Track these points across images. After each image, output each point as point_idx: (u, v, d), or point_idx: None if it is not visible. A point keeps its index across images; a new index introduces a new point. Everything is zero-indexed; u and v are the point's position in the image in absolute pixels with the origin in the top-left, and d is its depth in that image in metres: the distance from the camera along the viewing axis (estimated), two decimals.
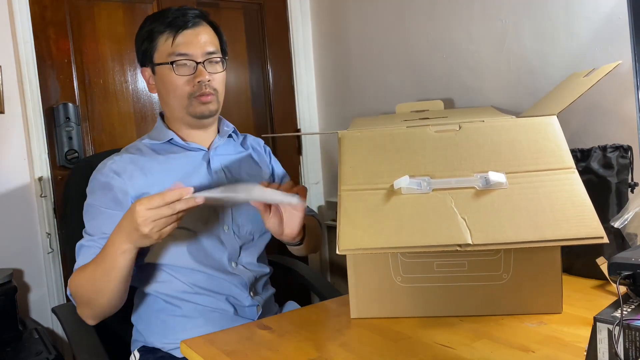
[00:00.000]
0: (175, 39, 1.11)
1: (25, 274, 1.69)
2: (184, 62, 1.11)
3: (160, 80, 1.15)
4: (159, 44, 1.13)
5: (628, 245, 0.99)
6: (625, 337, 0.58)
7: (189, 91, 1.12)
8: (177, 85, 1.12)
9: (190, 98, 1.13)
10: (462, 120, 0.97)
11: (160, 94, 1.18)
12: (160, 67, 1.13)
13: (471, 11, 1.51)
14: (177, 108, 1.15)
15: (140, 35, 1.16)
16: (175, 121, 1.19)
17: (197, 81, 1.11)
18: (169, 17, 1.12)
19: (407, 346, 0.82)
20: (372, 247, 0.79)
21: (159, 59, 1.13)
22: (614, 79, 1.15)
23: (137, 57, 1.20)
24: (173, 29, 1.11)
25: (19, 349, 1.44)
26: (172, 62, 1.11)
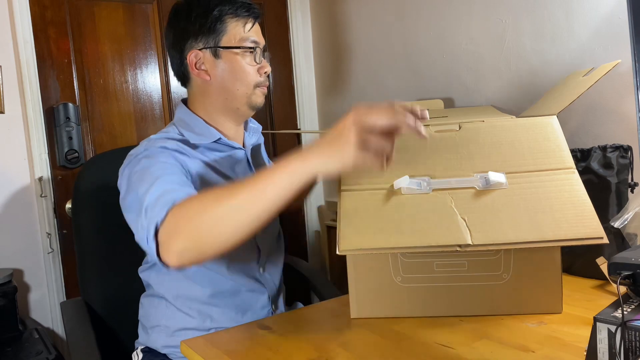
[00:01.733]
0: (253, 27, 1.08)
1: (25, 274, 1.69)
2: (255, 50, 1.08)
3: (228, 65, 1.07)
4: (230, 27, 1.06)
5: (628, 245, 0.99)
6: (625, 337, 0.58)
7: (257, 80, 1.09)
8: (248, 73, 1.08)
9: (255, 87, 1.10)
10: (462, 120, 0.97)
11: (218, 80, 1.08)
12: (229, 52, 1.07)
13: (471, 11, 1.51)
14: (240, 96, 1.09)
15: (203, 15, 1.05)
16: (226, 112, 1.11)
17: (264, 71, 1.10)
18: (239, 3, 1.07)
19: (407, 346, 0.82)
20: (372, 248, 0.79)
21: (228, 42, 1.06)
22: (614, 78, 1.15)
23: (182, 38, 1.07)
24: (252, 15, 1.08)
25: (19, 349, 1.44)
26: (254, 49, 1.08)
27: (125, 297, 1.27)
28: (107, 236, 1.33)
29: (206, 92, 1.10)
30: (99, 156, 1.39)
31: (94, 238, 1.32)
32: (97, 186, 1.32)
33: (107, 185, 1.19)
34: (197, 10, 1.06)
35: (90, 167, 1.37)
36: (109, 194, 1.20)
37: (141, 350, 1.13)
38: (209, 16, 1.05)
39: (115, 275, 1.32)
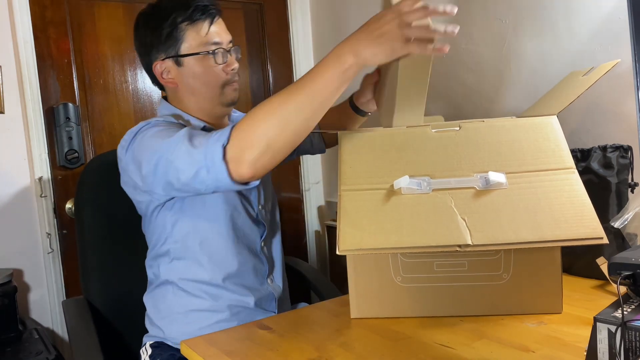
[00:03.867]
0: (211, 29, 1.08)
1: (25, 274, 1.69)
2: (217, 51, 1.09)
3: (189, 72, 1.09)
4: (189, 34, 1.08)
5: (628, 245, 0.99)
6: (625, 337, 0.58)
7: (223, 80, 1.11)
8: (212, 75, 1.10)
9: (223, 86, 1.12)
10: (462, 120, 0.97)
11: (185, 86, 1.11)
12: (190, 59, 1.08)
13: (471, 11, 1.51)
14: (209, 98, 1.12)
15: (158, 28, 1.08)
16: (199, 113, 1.14)
17: (231, 69, 1.12)
18: (198, 5, 1.08)
19: (407, 346, 0.82)
20: (372, 248, 0.80)
21: (189, 49, 1.08)
22: (614, 78, 1.15)
23: (146, 51, 1.11)
24: (208, 18, 1.08)
25: (19, 349, 1.44)
26: (213, 52, 1.08)
27: (127, 295, 1.28)
28: (109, 234, 1.33)
29: (178, 97, 1.14)
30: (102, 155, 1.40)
31: (96, 237, 1.32)
32: (100, 185, 1.33)
33: (110, 184, 1.20)
34: (154, 23, 1.09)
35: (93, 166, 1.38)
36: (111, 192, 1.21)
37: (150, 345, 1.14)
38: (164, 27, 1.08)
39: (118, 273, 1.33)
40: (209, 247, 1.10)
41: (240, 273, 1.13)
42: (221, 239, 1.11)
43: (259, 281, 1.16)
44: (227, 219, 1.11)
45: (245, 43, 2.13)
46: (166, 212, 1.09)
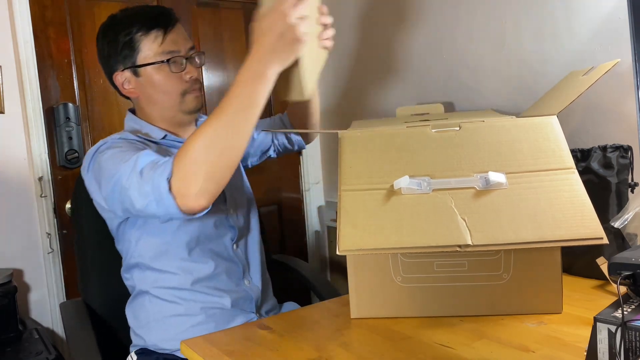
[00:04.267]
0: (165, 38, 1.09)
1: (25, 274, 1.69)
2: (175, 60, 1.09)
3: (147, 81, 1.11)
4: (144, 45, 1.09)
5: (628, 245, 0.99)
6: (625, 337, 0.59)
7: (182, 88, 1.11)
8: (169, 84, 1.10)
9: (183, 95, 1.12)
10: (462, 121, 0.97)
11: (145, 96, 1.13)
12: (147, 69, 1.09)
13: (471, 12, 1.51)
14: (169, 107, 1.13)
15: (115, 40, 1.10)
16: (162, 121, 1.16)
17: (189, 77, 1.11)
18: (151, 15, 1.09)
19: (407, 346, 0.82)
20: (372, 248, 0.80)
21: (145, 59, 1.09)
22: (614, 78, 1.15)
23: (106, 63, 1.13)
24: (162, 27, 1.09)
25: (19, 349, 1.44)
26: (168, 60, 1.09)
27: (125, 298, 1.27)
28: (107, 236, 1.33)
29: (140, 107, 1.17)
30: None
31: (94, 238, 1.32)
32: None
33: None
34: (111, 34, 1.11)
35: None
36: None
37: (135, 353, 1.15)
38: (120, 38, 1.09)
39: (116, 275, 1.32)
40: (174, 258, 1.12)
41: (211, 277, 1.13)
42: (186, 249, 1.12)
43: (234, 282, 1.16)
44: (191, 229, 1.12)
45: (245, 43, 2.13)
46: (130, 228, 1.12)
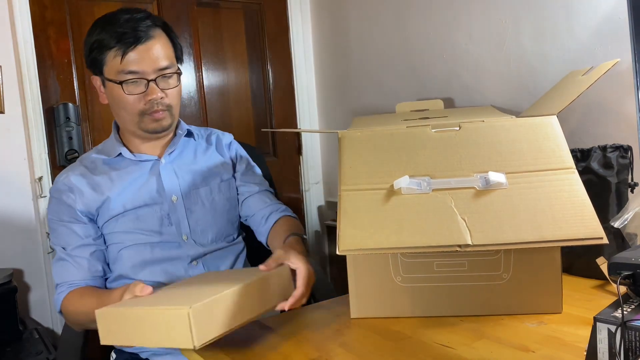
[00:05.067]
0: (125, 57, 1.04)
1: (25, 274, 1.69)
2: (135, 80, 1.06)
3: (110, 94, 1.11)
4: (108, 59, 1.06)
5: (628, 245, 0.99)
6: (625, 337, 0.58)
7: (140, 109, 1.09)
8: (126, 103, 1.08)
9: (141, 115, 1.10)
10: (462, 120, 0.97)
11: (111, 106, 1.14)
12: (110, 82, 1.08)
13: (471, 11, 1.51)
14: (129, 123, 1.12)
15: (89, 43, 1.09)
16: (128, 133, 1.17)
17: (149, 99, 1.08)
18: (118, 29, 1.04)
19: (407, 346, 0.82)
20: (372, 248, 0.79)
21: (108, 74, 1.08)
22: (614, 78, 1.15)
23: (85, 63, 1.13)
24: (122, 46, 1.04)
25: (19, 349, 1.44)
26: (122, 82, 1.06)
27: None
28: None
29: (113, 113, 1.17)
30: None
31: None
32: None
33: None
34: (87, 39, 1.10)
35: None
36: None
37: (114, 352, 1.19)
38: (92, 47, 1.08)
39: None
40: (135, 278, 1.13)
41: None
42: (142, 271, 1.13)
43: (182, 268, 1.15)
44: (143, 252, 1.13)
45: (245, 43, 2.13)
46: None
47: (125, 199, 1.12)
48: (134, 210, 1.13)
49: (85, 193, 1.12)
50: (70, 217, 1.12)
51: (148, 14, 1.09)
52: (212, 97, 2.04)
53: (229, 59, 2.09)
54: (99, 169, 1.16)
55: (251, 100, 2.16)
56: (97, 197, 1.12)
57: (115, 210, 1.12)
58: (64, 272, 1.10)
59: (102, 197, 1.12)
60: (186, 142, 1.23)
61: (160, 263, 1.13)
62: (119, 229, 1.13)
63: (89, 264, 1.11)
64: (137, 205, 1.13)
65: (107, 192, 1.12)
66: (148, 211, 1.13)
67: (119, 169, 1.15)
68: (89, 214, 1.13)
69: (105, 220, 1.13)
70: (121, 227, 1.12)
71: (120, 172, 1.15)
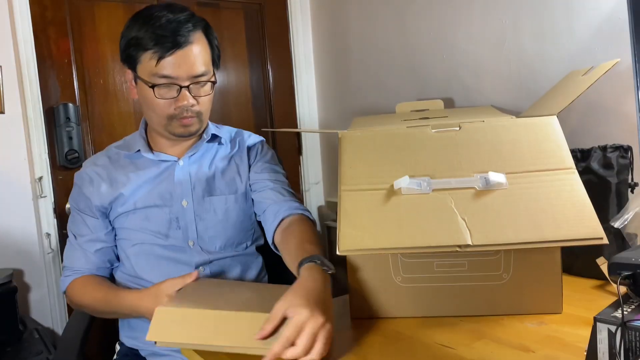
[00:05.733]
0: (160, 61, 1.02)
1: (25, 274, 1.69)
2: (167, 85, 1.04)
3: (140, 92, 1.09)
4: (143, 59, 1.04)
5: (628, 245, 0.99)
6: (625, 337, 0.58)
7: (170, 113, 1.07)
8: (156, 105, 1.06)
9: (170, 119, 1.08)
10: (462, 121, 0.97)
11: (141, 103, 1.12)
12: (142, 82, 1.06)
13: (471, 11, 1.51)
14: (156, 124, 1.11)
15: (126, 37, 1.06)
16: (154, 132, 1.17)
17: (179, 105, 1.06)
18: (158, 31, 1.01)
19: (407, 346, 0.82)
20: (372, 248, 0.79)
21: (141, 73, 1.05)
22: (614, 78, 1.15)
23: (120, 55, 1.10)
24: (160, 50, 1.01)
25: (19, 349, 1.44)
26: (154, 86, 1.04)
27: None
28: None
29: (141, 108, 1.15)
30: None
31: None
32: None
33: None
34: (125, 33, 1.07)
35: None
36: None
37: (118, 344, 1.20)
38: (129, 43, 1.05)
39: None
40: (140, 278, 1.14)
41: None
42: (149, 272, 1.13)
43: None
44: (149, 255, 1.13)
45: (245, 43, 2.13)
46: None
47: (137, 197, 1.13)
48: (143, 209, 1.12)
49: (102, 186, 1.14)
50: (86, 208, 1.15)
51: (190, 15, 1.06)
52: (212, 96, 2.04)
53: (229, 59, 2.09)
54: (120, 162, 1.17)
55: (251, 100, 2.16)
56: (112, 191, 1.13)
57: (126, 207, 1.13)
58: (73, 257, 1.14)
59: (116, 192, 1.13)
60: (209, 147, 1.20)
61: (165, 265, 1.12)
62: (129, 225, 1.13)
63: (95, 258, 1.14)
64: (148, 204, 1.12)
65: (122, 188, 1.13)
66: (157, 212, 1.12)
67: (136, 166, 1.16)
68: (103, 208, 1.14)
69: (116, 215, 1.14)
70: (131, 224, 1.13)
71: (137, 169, 1.15)
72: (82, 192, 1.15)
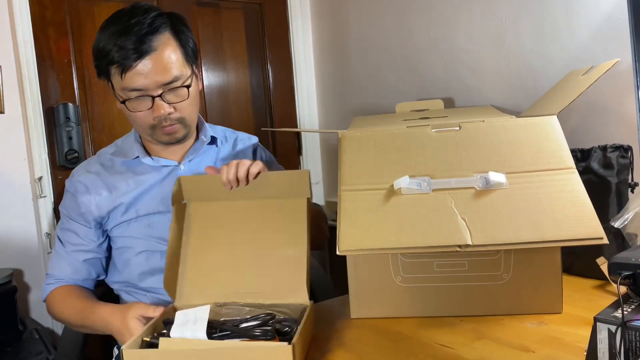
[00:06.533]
0: (125, 75, 0.97)
1: (25, 274, 1.69)
2: (139, 97, 0.99)
3: (119, 106, 1.05)
4: (112, 72, 0.99)
5: (628, 245, 0.99)
6: (625, 337, 0.58)
7: (150, 123, 1.04)
8: (135, 118, 1.03)
9: (153, 129, 1.05)
10: (462, 120, 0.97)
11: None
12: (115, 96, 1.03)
13: (471, 11, 1.51)
14: (143, 134, 1.10)
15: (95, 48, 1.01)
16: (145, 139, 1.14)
17: (156, 116, 1.02)
18: (120, 41, 0.96)
19: (407, 346, 0.82)
20: (372, 248, 0.79)
21: (115, 86, 1.01)
22: (614, 78, 1.15)
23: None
24: (121, 64, 0.96)
25: (19, 349, 1.44)
26: (124, 101, 1.00)
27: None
28: None
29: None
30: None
31: None
32: None
33: None
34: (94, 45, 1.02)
35: None
36: None
37: (116, 348, 1.18)
38: (96, 55, 1.01)
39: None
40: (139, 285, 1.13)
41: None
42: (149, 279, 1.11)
43: None
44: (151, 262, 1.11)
45: (245, 43, 2.13)
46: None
47: (139, 204, 1.10)
48: (146, 216, 1.10)
49: (101, 194, 1.10)
50: (78, 216, 1.11)
51: (154, 17, 1.00)
52: (212, 97, 2.04)
53: (229, 59, 2.09)
54: (116, 168, 1.13)
55: (251, 100, 2.16)
56: (111, 199, 1.10)
57: (127, 215, 1.10)
58: (57, 266, 1.12)
59: (116, 200, 1.10)
60: (208, 149, 1.18)
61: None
62: (130, 233, 1.10)
63: (82, 267, 1.11)
64: (150, 212, 1.10)
65: (122, 196, 1.10)
66: (160, 218, 1.10)
67: (136, 172, 1.12)
68: (99, 217, 1.11)
69: (116, 224, 1.11)
70: (133, 232, 1.10)
71: (137, 176, 1.12)
72: (76, 200, 1.11)
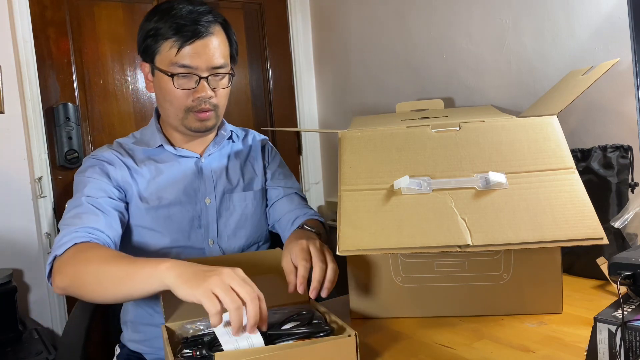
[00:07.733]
0: (181, 50, 1.01)
1: (25, 274, 1.69)
2: (186, 75, 1.03)
3: (157, 84, 1.07)
4: (163, 49, 1.03)
5: (628, 245, 0.99)
6: (625, 337, 0.58)
7: (187, 105, 1.05)
8: (174, 97, 1.05)
9: (187, 111, 1.06)
10: (462, 120, 0.97)
11: (157, 96, 1.11)
12: (160, 73, 1.05)
13: (471, 11, 1.51)
14: (173, 117, 1.09)
15: (145, 29, 1.06)
16: (169, 126, 1.14)
17: (197, 97, 1.04)
18: (179, 20, 1.01)
19: (407, 346, 0.82)
20: (372, 248, 0.79)
21: (160, 63, 1.04)
22: (614, 78, 1.15)
23: (138, 48, 1.09)
24: (180, 38, 1.01)
25: (19, 349, 1.44)
26: (173, 75, 1.03)
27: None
28: None
29: (158, 103, 1.13)
30: None
31: None
32: None
33: None
34: (145, 24, 1.06)
35: None
36: None
37: (119, 346, 1.18)
38: (147, 34, 1.05)
39: None
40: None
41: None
42: None
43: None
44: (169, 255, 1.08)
45: (245, 43, 2.13)
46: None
47: (162, 193, 1.09)
48: (167, 207, 1.08)
49: (124, 170, 1.08)
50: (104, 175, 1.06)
51: (210, 9, 1.06)
52: None
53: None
54: (138, 157, 1.12)
55: (251, 100, 2.16)
56: (133, 183, 1.08)
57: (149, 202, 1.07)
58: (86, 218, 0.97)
59: (138, 185, 1.08)
60: (226, 144, 1.20)
61: None
62: (146, 223, 1.07)
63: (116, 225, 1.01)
64: (172, 201, 1.09)
65: (144, 183, 1.08)
66: (180, 210, 1.09)
67: (159, 162, 1.11)
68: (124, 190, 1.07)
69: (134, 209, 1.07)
70: (149, 222, 1.07)
71: (160, 165, 1.11)
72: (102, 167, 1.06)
